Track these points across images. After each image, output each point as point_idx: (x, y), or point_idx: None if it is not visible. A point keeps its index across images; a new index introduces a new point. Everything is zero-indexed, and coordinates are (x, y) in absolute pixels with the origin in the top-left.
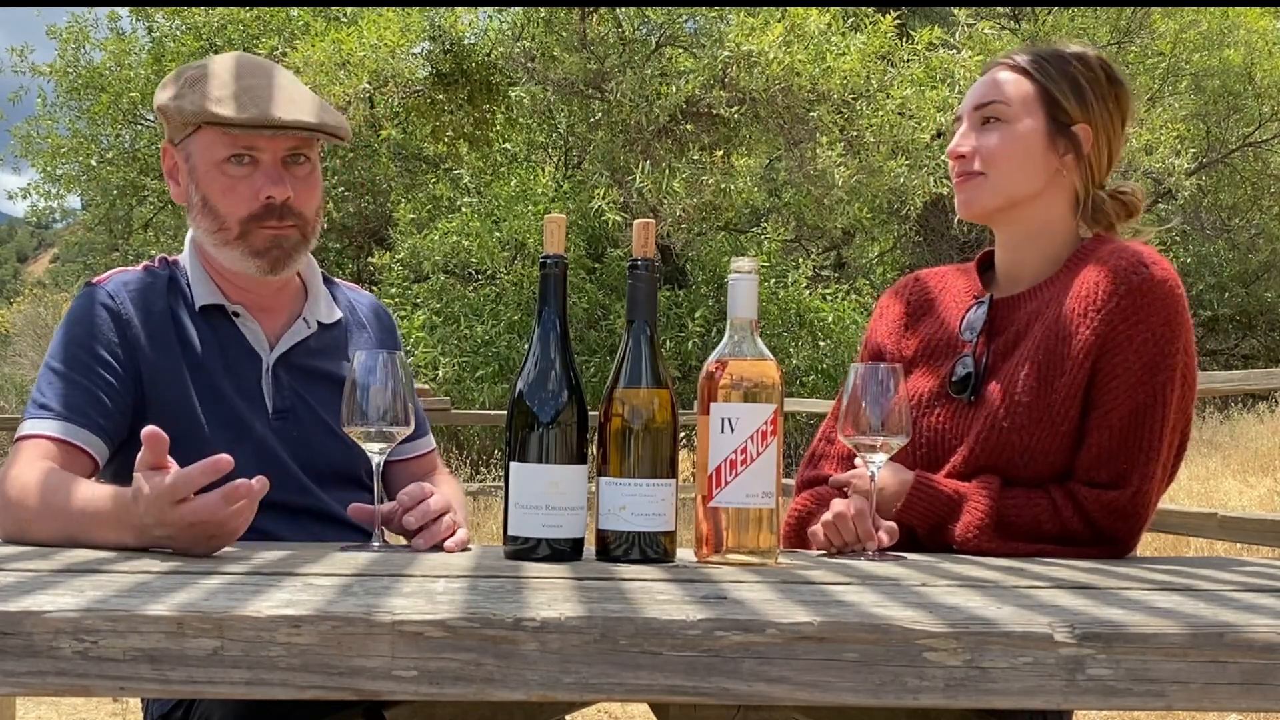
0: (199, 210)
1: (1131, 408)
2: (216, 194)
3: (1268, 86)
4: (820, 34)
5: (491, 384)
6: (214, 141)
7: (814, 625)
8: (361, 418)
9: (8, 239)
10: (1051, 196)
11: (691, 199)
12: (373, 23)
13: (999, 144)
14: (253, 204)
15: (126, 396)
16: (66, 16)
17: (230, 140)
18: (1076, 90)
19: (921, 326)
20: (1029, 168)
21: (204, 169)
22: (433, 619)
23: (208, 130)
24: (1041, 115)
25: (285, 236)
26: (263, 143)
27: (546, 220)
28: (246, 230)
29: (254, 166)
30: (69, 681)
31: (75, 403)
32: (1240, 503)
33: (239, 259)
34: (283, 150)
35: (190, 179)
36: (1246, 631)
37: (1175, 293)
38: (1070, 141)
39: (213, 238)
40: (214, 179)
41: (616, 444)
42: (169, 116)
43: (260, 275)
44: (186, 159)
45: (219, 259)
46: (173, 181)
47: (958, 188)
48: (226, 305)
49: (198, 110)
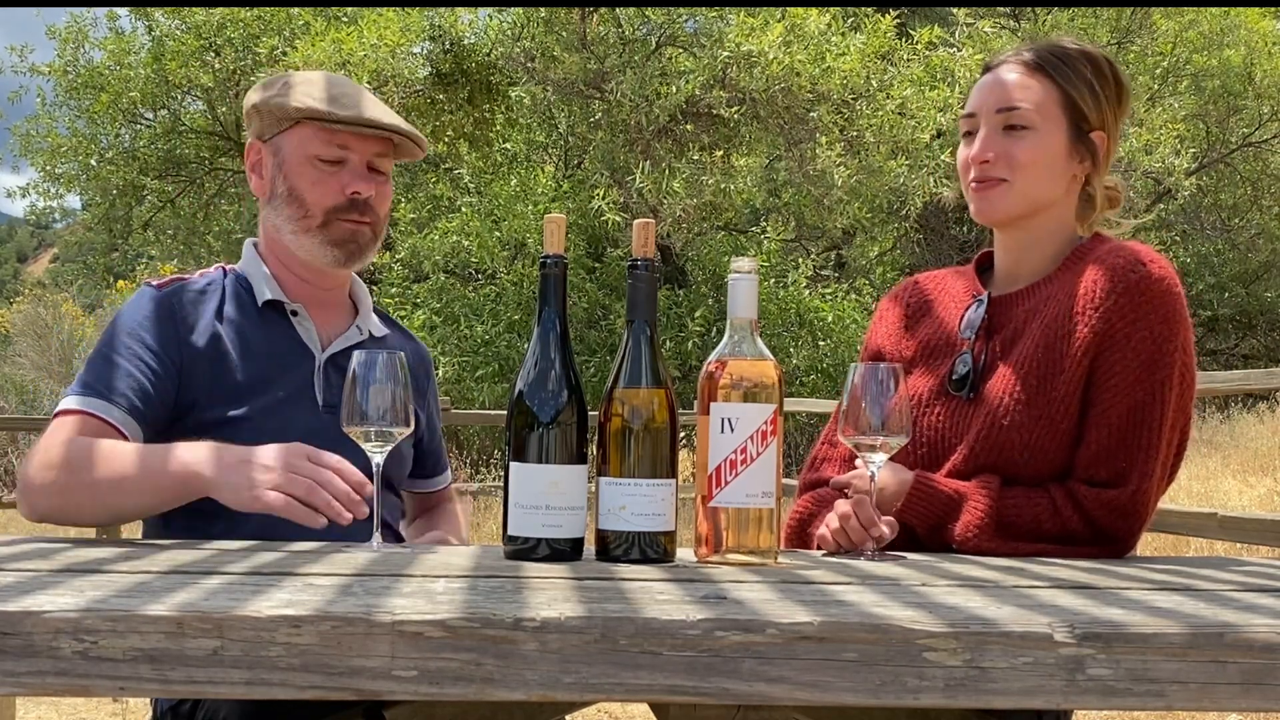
0: (284, 199)
1: (1130, 406)
2: (305, 185)
3: (1268, 86)
4: (820, 34)
5: (491, 384)
6: (310, 137)
7: (814, 625)
8: (361, 418)
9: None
10: (1067, 202)
11: (691, 199)
12: (373, 22)
13: (1027, 152)
14: (339, 197)
15: (169, 386)
16: (66, 16)
17: (327, 136)
18: (1093, 95)
19: (920, 328)
20: (1052, 177)
21: (295, 162)
22: (433, 619)
23: (305, 125)
24: (1065, 123)
25: (361, 232)
26: (355, 143)
27: (546, 220)
28: (329, 221)
29: (341, 166)
30: (69, 681)
31: (114, 384)
32: (1240, 503)
33: (316, 247)
34: (371, 154)
35: (277, 171)
36: (1246, 631)
37: (1173, 291)
38: (1089, 149)
39: (294, 225)
40: (304, 171)
41: (616, 444)
42: (263, 113)
43: (334, 266)
44: (275, 153)
45: (294, 248)
46: (255, 175)
47: (976, 193)
48: (286, 303)
49: (301, 106)
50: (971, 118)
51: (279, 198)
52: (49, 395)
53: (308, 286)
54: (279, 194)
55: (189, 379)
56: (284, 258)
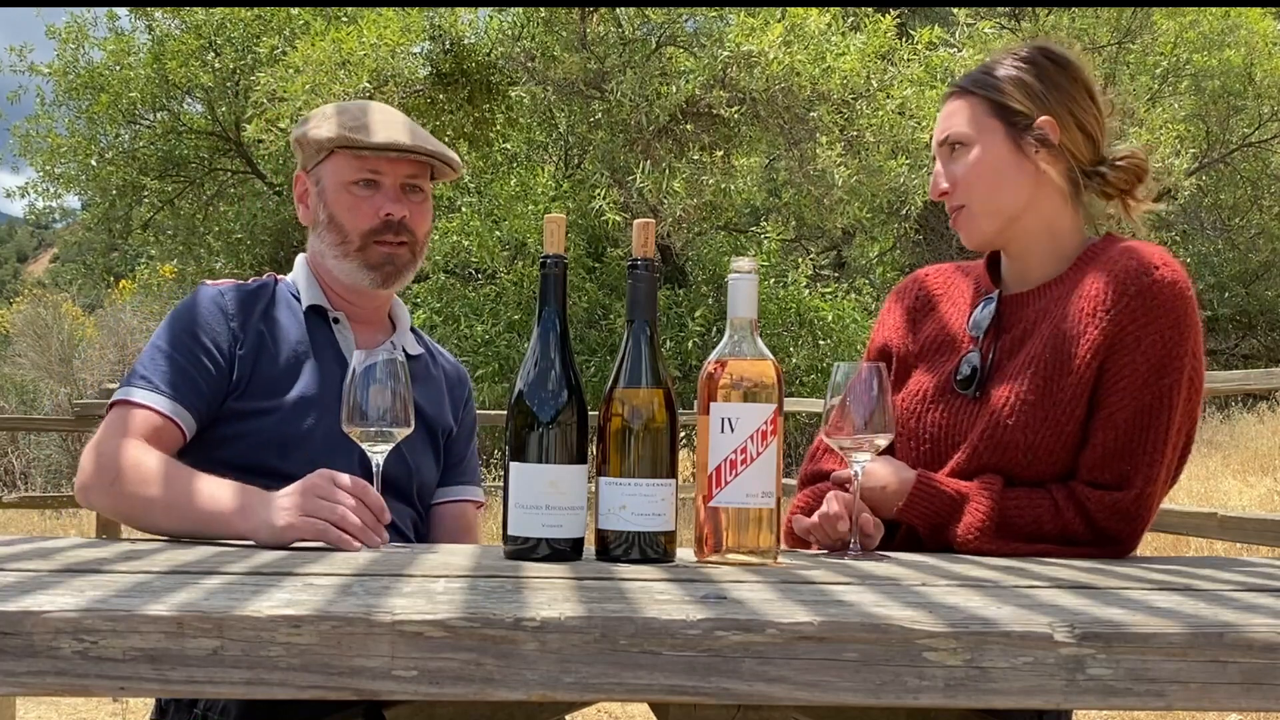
0: (325, 226)
1: (1137, 409)
2: (343, 211)
3: (1268, 86)
4: (820, 34)
5: (491, 383)
6: (344, 165)
7: (814, 625)
8: (361, 418)
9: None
10: (1043, 198)
11: (691, 199)
12: (373, 22)
13: (965, 171)
14: (373, 220)
15: (221, 383)
16: (65, 16)
17: (359, 164)
18: (1021, 86)
19: (925, 324)
20: (1007, 183)
21: (333, 190)
22: (433, 619)
23: (340, 155)
24: (998, 125)
25: (398, 255)
26: (386, 167)
27: (546, 220)
28: (365, 244)
29: (376, 189)
30: (69, 681)
31: (174, 380)
32: (1240, 502)
33: (355, 270)
34: (402, 176)
35: (319, 200)
36: (1246, 631)
37: (1184, 295)
38: (1037, 139)
39: (335, 250)
40: (341, 198)
41: (616, 444)
42: (304, 146)
43: (372, 288)
44: (317, 183)
45: (336, 271)
46: (302, 205)
47: (954, 225)
48: (330, 310)
49: (333, 136)
50: (934, 158)
51: (321, 225)
52: (49, 395)
53: (349, 305)
54: (321, 221)
55: (233, 370)
56: (328, 279)
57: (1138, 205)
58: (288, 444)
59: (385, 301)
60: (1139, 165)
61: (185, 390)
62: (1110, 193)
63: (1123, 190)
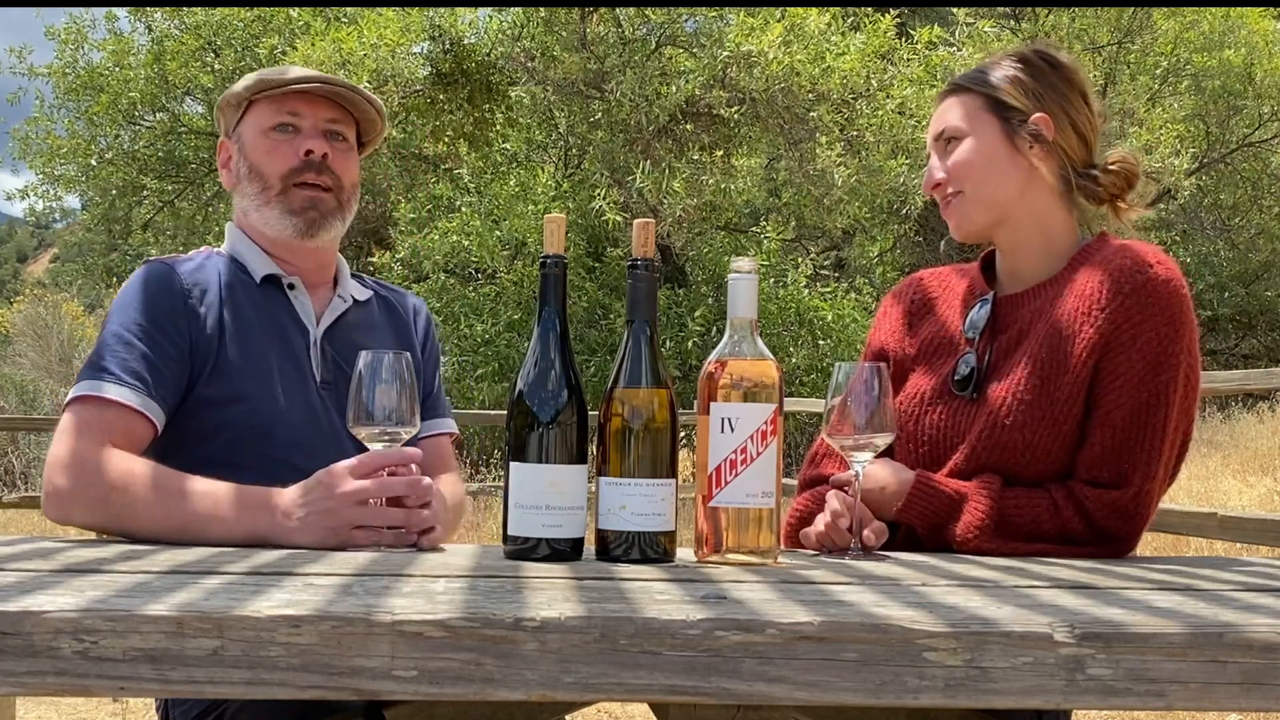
0: (245, 178)
1: (1134, 407)
2: (261, 156)
3: (1268, 87)
4: (820, 34)
5: (491, 383)
6: (262, 112)
7: (814, 625)
8: (367, 418)
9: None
10: (1035, 194)
11: (691, 199)
12: (373, 22)
13: (961, 157)
14: (293, 159)
15: (185, 366)
16: (65, 17)
17: (276, 105)
18: (1017, 85)
19: (922, 326)
20: (999, 171)
21: (252, 139)
22: (433, 619)
23: (257, 104)
24: (993, 120)
25: (321, 200)
26: (305, 108)
27: (546, 220)
28: (286, 187)
29: (296, 132)
30: (69, 681)
31: (139, 369)
32: (1240, 502)
33: (277, 219)
34: (323, 119)
35: (240, 156)
36: (1246, 631)
37: (1179, 293)
38: (1031, 134)
39: (255, 200)
40: (260, 145)
41: (616, 444)
42: (224, 110)
43: (296, 236)
44: (237, 141)
45: (261, 225)
46: (225, 170)
47: (946, 213)
48: (284, 277)
49: (249, 84)
50: (929, 155)
51: (242, 179)
52: (49, 395)
53: (291, 265)
54: (242, 175)
55: (196, 354)
56: (259, 239)
57: (1127, 211)
58: (270, 429)
59: (329, 258)
60: (1130, 171)
61: (152, 380)
62: (1101, 196)
63: (1113, 195)
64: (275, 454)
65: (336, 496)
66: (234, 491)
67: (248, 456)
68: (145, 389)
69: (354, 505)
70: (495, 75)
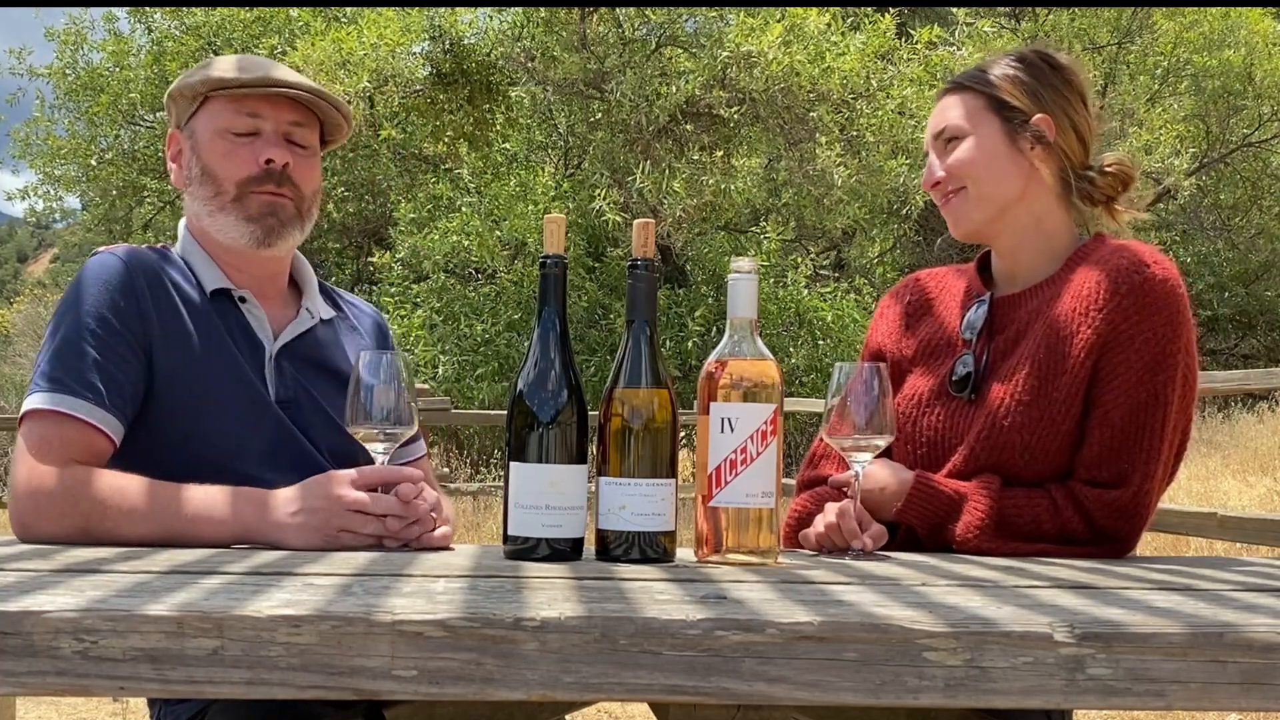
0: (197, 181)
1: (1132, 406)
2: (217, 159)
3: (1268, 87)
4: (820, 34)
5: (491, 382)
6: (219, 110)
7: (814, 625)
8: (365, 418)
9: (8, 239)
10: (1034, 194)
11: (691, 199)
12: (373, 22)
13: (963, 155)
14: (252, 167)
15: (142, 373)
16: (64, 18)
17: (235, 106)
18: (1020, 85)
19: (920, 327)
20: (1000, 170)
21: (207, 139)
22: (433, 619)
23: (213, 100)
24: (995, 119)
25: (281, 205)
26: (266, 110)
27: (546, 220)
28: (242, 194)
29: (256, 136)
30: (69, 681)
31: (93, 380)
32: (1240, 502)
33: (232, 226)
34: (285, 122)
35: (192, 154)
36: (1246, 631)
37: (1176, 292)
38: (1033, 135)
39: (208, 205)
40: (215, 146)
41: (616, 444)
42: (176, 100)
43: (252, 246)
44: (190, 137)
45: (214, 232)
46: (175, 165)
47: (945, 211)
48: (234, 290)
49: (205, 79)
50: (927, 154)
51: (194, 180)
52: None
53: (243, 274)
54: (194, 176)
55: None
56: (210, 246)
57: (1122, 213)
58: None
59: (284, 267)
60: (1126, 173)
61: (111, 393)
62: (1096, 197)
63: (1108, 197)
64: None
65: (332, 498)
66: (229, 491)
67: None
68: (101, 401)
69: (347, 513)
70: (495, 75)
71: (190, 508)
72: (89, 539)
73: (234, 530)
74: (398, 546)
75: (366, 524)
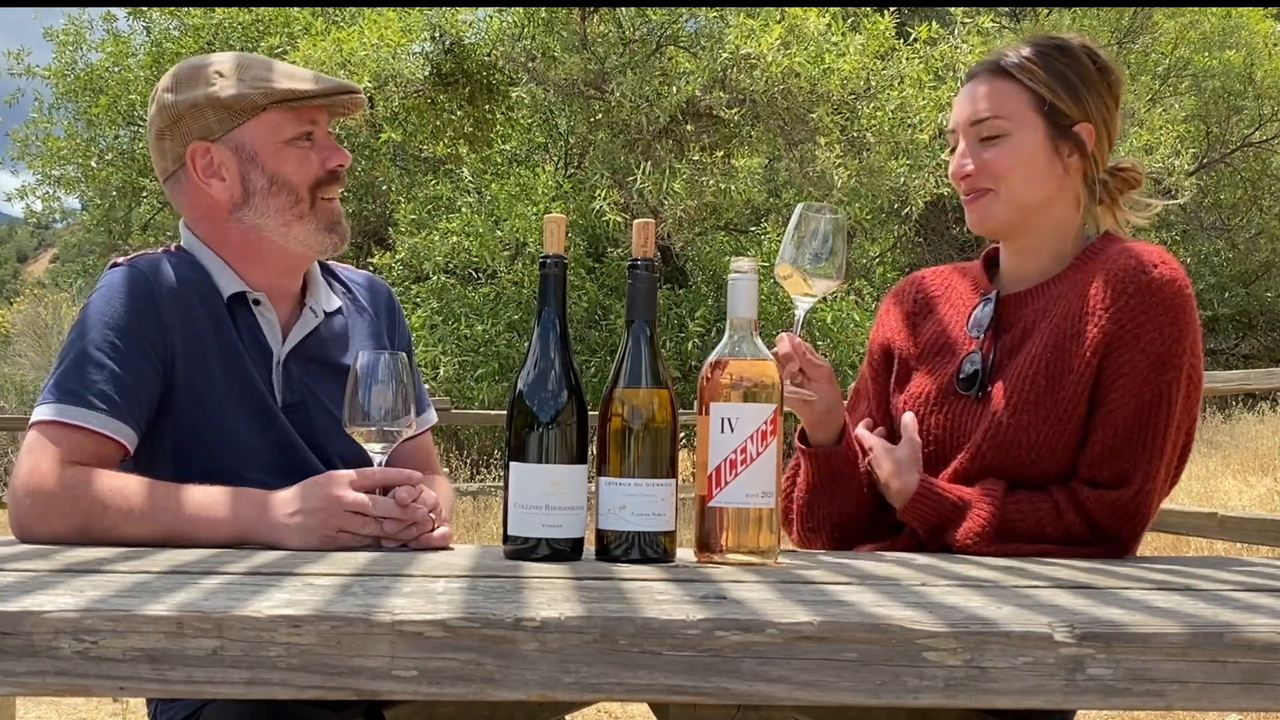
0: (267, 193)
1: (1137, 406)
2: (290, 169)
3: (1268, 87)
4: (820, 34)
5: (491, 382)
6: (282, 121)
7: (814, 625)
8: (364, 418)
9: (8, 239)
10: (1061, 201)
11: (692, 199)
12: (373, 22)
13: (1003, 158)
14: (319, 171)
15: (157, 384)
16: (63, 18)
17: (297, 115)
18: (1070, 89)
19: (925, 326)
20: (1036, 178)
21: (272, 149)
22: (432, 619)
23: (272, 112)
24: (1041, 122)
25: (341, 210)
26: (321, 116)
27: (546, 220)
28: (315, 200)
29: (310, 141)
30: (69, 681)
31: (105, 392)
32: (1240, 503)
33: (310, 235)
34: (326, 124)
35: (251, 165)
36: (1246, 631)
37: (1183, 293)
38: (1074, 144)
39: (287, 214)
40: (285, 156)
41: (616, 444)
42: (205, 108)
43: (331, 252)
44: (237, 149)
45: (285, 241)
46: (215, 179)
47: (969, 205)
48: (249, 293)
49: (267, 91)
50: (954, 133)
51: (260, 193)
52: None
53: (264, 274)
54: (260, 189)
55: (173, 371)
56: (259, 254)
57: (1124, 214)
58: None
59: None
60: (1136, 176)
61: (127, 401)
62: (1103, 198)
63: (1114, 199)
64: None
65: (331, 499)
66: (228, 491)
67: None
68: (115, 411)
69: (346, 514)
70: (495, 75)
71: (189, 508)
72: (88, 539)
73: (233, 530)
74: (396, 547)
75: (365, 525)
